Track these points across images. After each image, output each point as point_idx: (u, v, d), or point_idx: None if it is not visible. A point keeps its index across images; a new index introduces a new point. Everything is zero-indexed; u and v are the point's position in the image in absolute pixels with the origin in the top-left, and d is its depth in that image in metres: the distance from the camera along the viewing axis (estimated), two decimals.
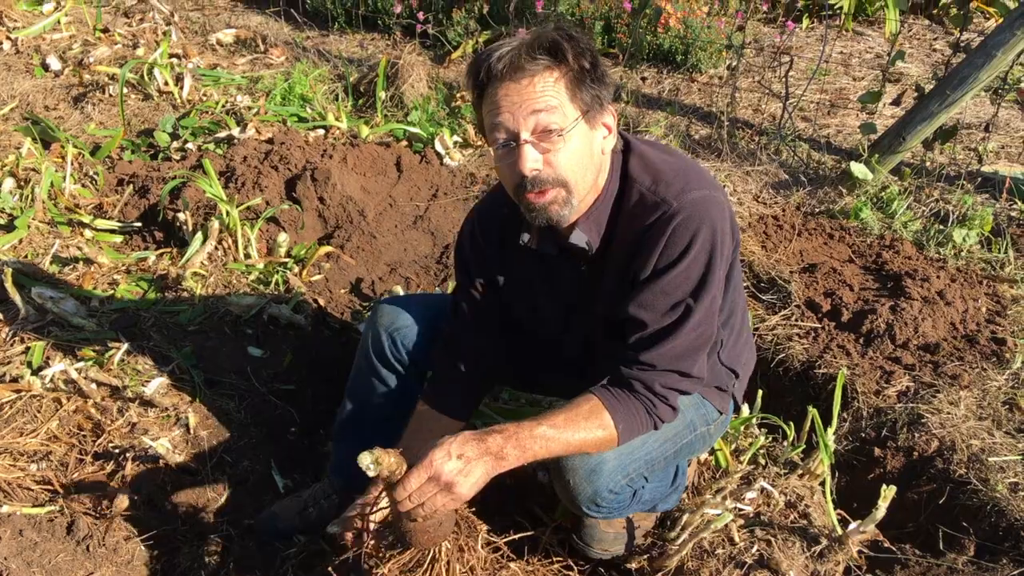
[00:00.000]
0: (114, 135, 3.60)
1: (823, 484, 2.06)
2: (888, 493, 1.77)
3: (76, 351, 2.41)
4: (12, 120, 3.75)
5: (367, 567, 1.59)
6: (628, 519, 1.91)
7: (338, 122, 3.88)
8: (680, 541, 1.86)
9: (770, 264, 2.99)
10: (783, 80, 3.91)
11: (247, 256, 2.94)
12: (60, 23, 4.69)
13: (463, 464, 1.40)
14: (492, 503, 1.89)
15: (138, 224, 3.11)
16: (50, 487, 2.06)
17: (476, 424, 2.17)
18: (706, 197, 1.53)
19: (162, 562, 1.98)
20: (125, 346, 2.42)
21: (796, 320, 2.72)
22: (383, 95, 4.06)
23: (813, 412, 2.03)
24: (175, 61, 4.27)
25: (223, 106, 3.93)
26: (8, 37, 4.45)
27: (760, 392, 2.28)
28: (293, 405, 2.48)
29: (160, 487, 2.12)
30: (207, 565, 1.98)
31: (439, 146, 3.70)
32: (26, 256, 2.87)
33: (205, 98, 4.04)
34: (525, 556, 1.91)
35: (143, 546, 1.97)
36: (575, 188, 1.51)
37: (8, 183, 3.16)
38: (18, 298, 2.49)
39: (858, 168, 3.44)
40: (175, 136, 3.70)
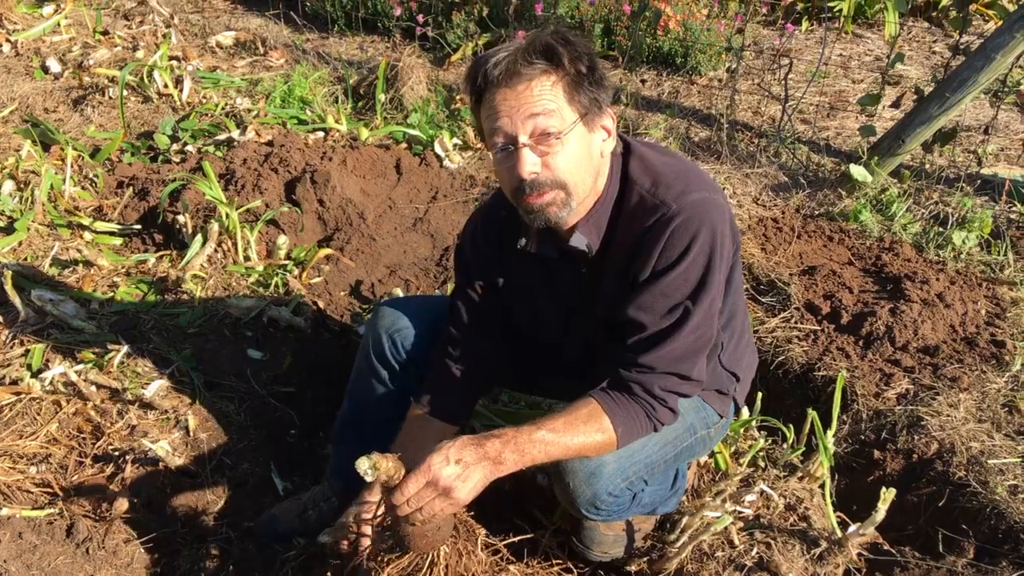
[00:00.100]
0: (114, 137, 3.60)
1: (823, 486, 2.05)
2: (888, 495, 1.77)
3: (76, 353, 2.41)
4: (12, 122, 3.75)
5: (366, 570, 1.59)
6: (628, 522, 1.91)
7: (338, 124, 3.88)
8: (680, 544, 1.86)
9: (769, 266, 2.99)
10: (782, 82, 3.91)
11: (247, 258, 2.94)
12: (60, 25, 4.69)
13: (461, 469, 1.40)
14: (491, 506, 1.89)
15: (138, 226, 3.11)
16: (50, 490, 2.06)
17: (474, 426, 2.17)
18: (706, 199, 1.53)
19: (162, 565, 1.98)
20: (125, 348, 2.42)
21: (795, 322, 2.72)
22: (383, 97, 4.07)
23: (813, 414, 2.03)
24: (175, 63, 4.27)
25: (223, 108, 3.93)
26: (8, 39, 4.45)
27: (760, 394, 2.28)
28: (293, 407, 2.48)
29: (160, 490, 2.12)
30: (207, 568, 1.98)
31: (439, 148, 3.70)
32: (26, 258, 2.87)
33: (205, 100, 4.04)
34: (525, 559, 1.91)
35: (143, 549, 1.98)
36: (574, 190, 1.52)
37: (8, 185, 3.17)
38: (18, 300, 2.49)
39: (857, 170, 3.44)
40: (175, 138, 3.70)
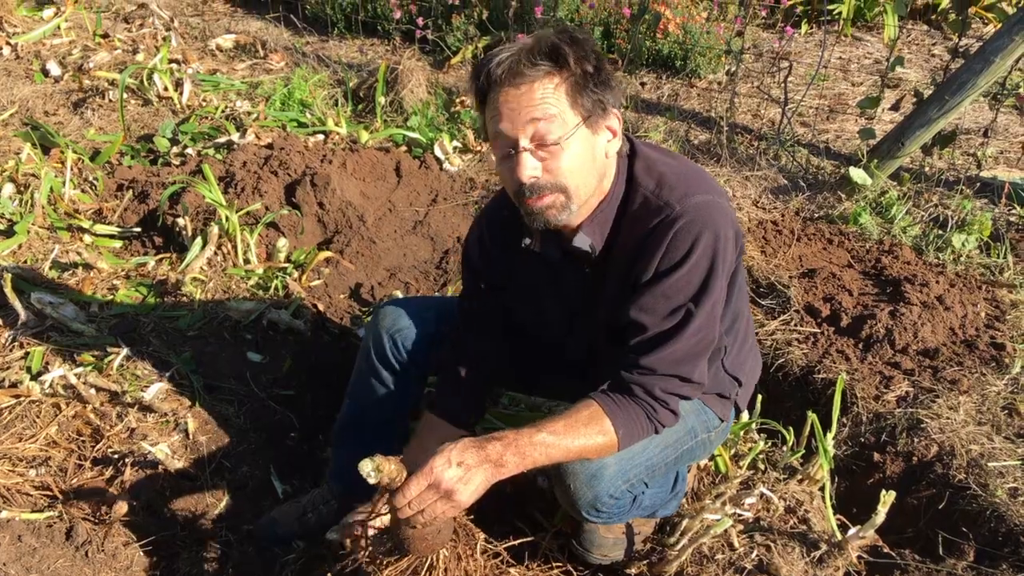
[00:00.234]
0: (114, 140, 3.60)
1: (822, 489, 2.05)
2: (888, 498, 1.77)
3: (75, 356, 2.41)
4: (12, 125, 3.75)
5: (366, 573, 1.59)
6: (628, 524, 1.90)
7: (338, 127, 3.88)
8: (680, 546, 1.86)
9: (769, 269, 2.99)
10: (782, 85, 3.92)
11: (246, 261, 2.94)
12: (60, 28, 4.69)
13: (463, 471, 1.40)
14: (491, 509, 1.89)
15: (137, 229, 3.11)
16: (49, 492, 2.06)
17: (475, 429, 2.17)
18: (710, 202, 1.53)
19: (161, 568, 1.98)
20: (124, 351, 2.42)
21: (795, 325, 2.72)
22: (383, 100, 4.07)
23: (813, 417, 2.03)
24: (175, 66, 4.27)
25: (223, 111, 3.94)
26: (8, 42, 4.45)
27: (760, 397, 2.28)
28: (292, 410, 2.47)
29: (159, 492, 2.12)
30: (206, 571, 1.97)
31: (438, 151, 3.70)
32: (25, 261, 2.87)
33: (205, 103, 4.04)
34: (525, 561, 1.91)
35: (142, 552, 1.97)
36: (575, 193, 1.52)
37: (8, 188, 3.17)
38: (17, 303, 2.49)
39: (857, 173, 3.44)
40: (175, 141, 3.70)
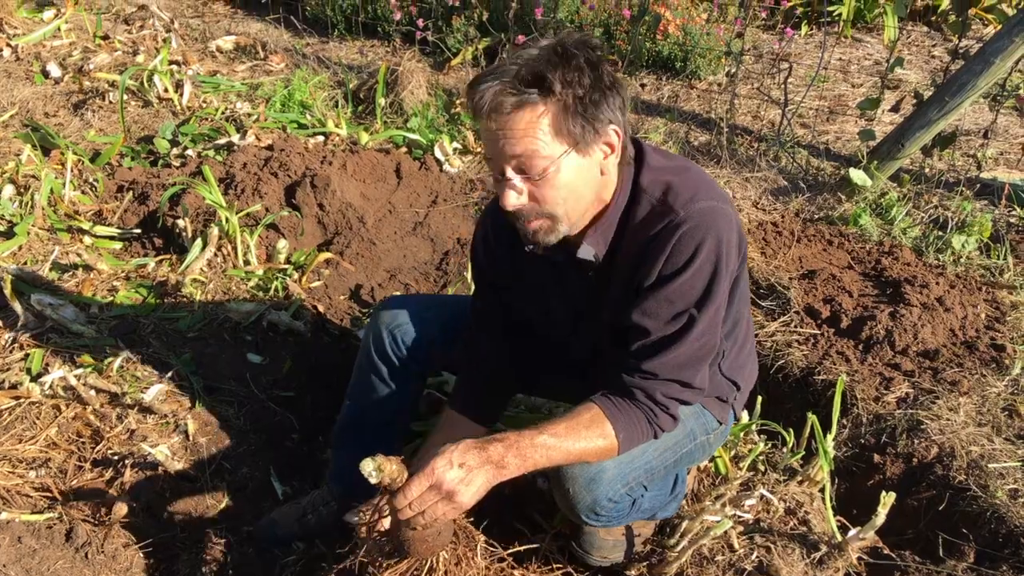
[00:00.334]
0: (114, 142, 3.60)
1: (823, 491, 2.05)
2: (888, 499, 1.77)
3: (75, 358, 2.41)
4: (12, 127, 3.75)
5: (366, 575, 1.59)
6: (627, 527, 1.90)
7: (338, 129, 3.88)
8: (680, 548, 1.85)
9: (769, 270, 2.99)
10: (782, 87, 3.92)
11: (246, 262, 2.94)
12: (60, 30, 4.69)
13: (464, 473, 1.39)
14: (491, 510, 1.89)
15: (137, 231, 3.11)
16: (49, 494, 2.06)
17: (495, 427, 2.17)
18: (713, 208, 1.53)
19: (161, 569, 1.98)
20: (124, 353, 2.42)
21: (795, 326, 2.72)
22: (383, 102, 4.07)
23: (812, 418, 2.03)
24: (175, 68, 4.27)
25: (223, 113, 3.94)
26: (8, 44, 4.45)
27: (759, 398, 2.28)
28: (292, 412, 2.47)
29: (159, 494, 2.12)
30: (206, 572, 1.97)
31: (439, 153, 3.70)
32: (25, 263, 2.87)
33: (205, 105, 4.04)
34: (524, 563, 1.91)
35: (142, 553, 1.97)
36: (563, 218, 1.51)
37: (8, 190, 3.17)
38: (17, 305, 2.49)
39: (857, 174, 3.45)
40: (175, 143, 3.70)
